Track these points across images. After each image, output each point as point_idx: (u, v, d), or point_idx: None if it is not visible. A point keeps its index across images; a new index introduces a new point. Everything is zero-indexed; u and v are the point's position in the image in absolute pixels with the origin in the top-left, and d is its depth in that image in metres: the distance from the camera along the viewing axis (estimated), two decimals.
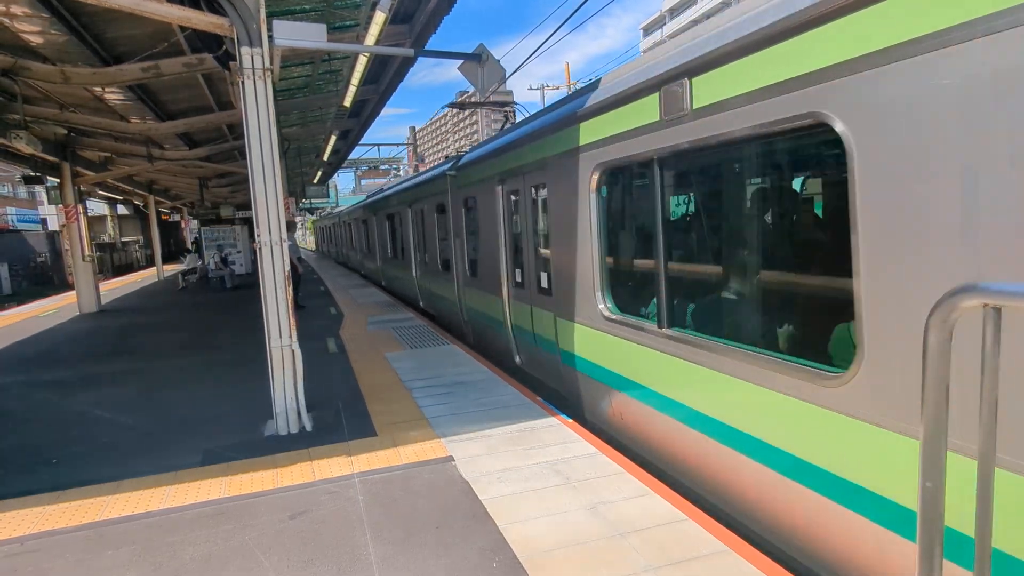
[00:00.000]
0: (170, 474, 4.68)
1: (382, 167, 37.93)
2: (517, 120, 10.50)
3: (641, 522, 3.59)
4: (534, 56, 13.11)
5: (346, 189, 54.08)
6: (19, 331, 12.65)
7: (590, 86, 5.45)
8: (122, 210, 35.75)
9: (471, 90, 10.51)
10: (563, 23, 11.54)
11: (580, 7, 10.19)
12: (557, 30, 11.99)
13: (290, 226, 9.33)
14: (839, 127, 2.78)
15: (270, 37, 5.22)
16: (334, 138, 18.54)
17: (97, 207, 34.48)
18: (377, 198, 18.97)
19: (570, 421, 5.39)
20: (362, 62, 10.33)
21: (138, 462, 4.97)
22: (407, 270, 14.08)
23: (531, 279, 6.73)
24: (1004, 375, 2.07)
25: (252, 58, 5.13)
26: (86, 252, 14.73)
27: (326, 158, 22.88)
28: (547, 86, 37.14)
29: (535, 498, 3.97)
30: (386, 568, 3.26)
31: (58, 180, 14.23)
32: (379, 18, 8.04)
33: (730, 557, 3.19)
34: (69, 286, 23.34)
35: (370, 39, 8.61)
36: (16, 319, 14.87)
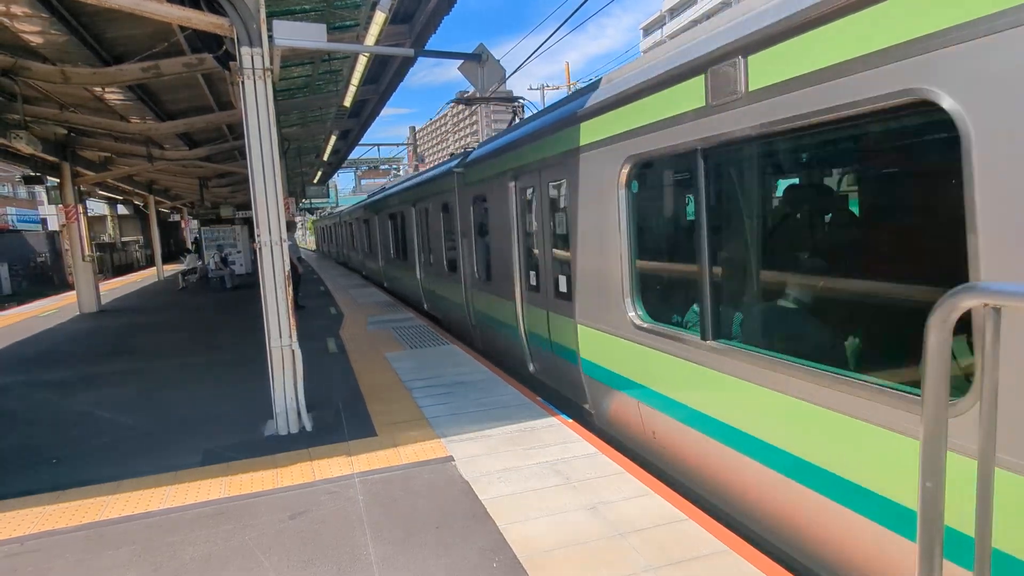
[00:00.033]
0: (170, 474, 4.68)
1: (382, 167, 37.95)
2: (525, 116, 9.95)
3: (641, 522, 3.59)
4: (534, 56, 13.12)
5: (346, 189, 54.16)
6: (19, 331, 12.65)
7: (615, 74, 4.99)
8: (122, 210, 35.76)
9: (471, 90, 10.47)
10: (563, 23, 11.55)
11: (580, 7, 10.19)
12: (557, 30, 12.00)
13: (290, 226, 9.33)
14: (950, 105, 2.35)
15: (270, 37, 5.22)
16: (334, 138, 18.54)
17: (97, 207, 34.48)
18: (380, 197, 18.54)
19: (570, 421, 5.39)
20: (362, 62, 10.33)
21: (138, 462, 4.97)
22: (411, 272, 13.61)
23: (548, 282, 6.28)
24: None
25: (252, 58, 5.13)
26: (86, 252, 14.73)
27: (326, 158, 22.89)
28: (547, 86, 37.17)
29: (535, 498, 3.97)
30: (386, 568, 3.26)
31: (58, 180, 14.23)
32: (379, 18, 8.04)
33: (730, 557, 3.19)
34: (69, 286, 23.35)
35: (370, 39, 8.62)
36: (16, 319, 14.87)
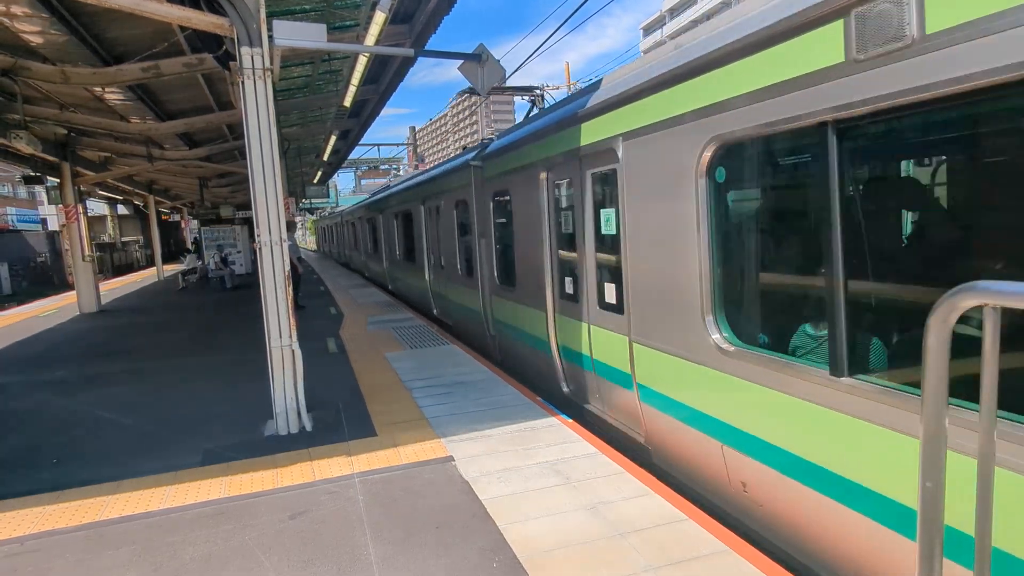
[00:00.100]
0: (170, 474, 4.68)
1: (382, 167, 37.97)
2: (545, 107, 9.04)
3: (641, 522, 3.59)
4: (534, 56, 13.12)
5: (346, 189, 54.15)
6: (19, 331, 12.65)
7: (683, 40, 4.15)
8: (122, 210, 35.77)
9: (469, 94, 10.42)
10: (563, 23, 11.54)
11: (580, 7, 10.19)
12: (557, 30, 11.99)
13: (290, 226, 9.33)
14: None
15: (270, 37, 5.22)
16: (334, 138, 18.55)
17: (97, 207, 34.50)
18: (385, 195, 17.67)
19: (570, 421, 5.39)
20: (362, 62, 10.33)
21: (138, 462, 4.97)
22: (418, 274, 12.70)
23: (589, 290, 5.47)
24: None
25: (252, 58, 5.13)
26: (86, 252, 14.73)
27: (326, 158, 22.88)
28: (547, 86, 37.13)
29: (535, 498, 3.97)
30: (386, 568, 3.26)
31: (58, 180, 14.23)
32: (379, 18, 8.05)
33: (730, 557, 3.19)
34: (69, 286, 23.35)
35: (370, 39, 8.62)
36: (16, 319, 14.87)
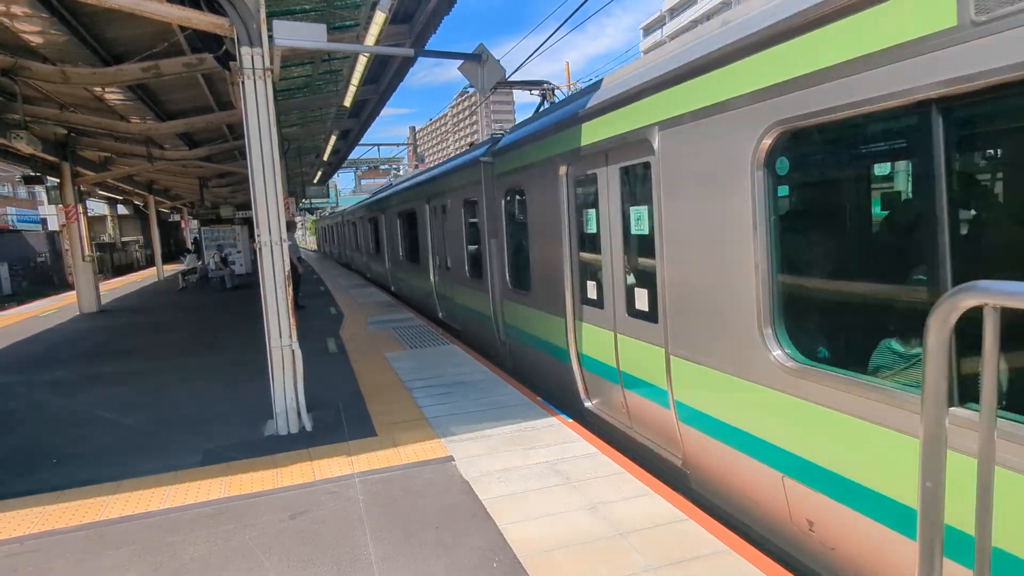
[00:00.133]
0: (170, 474, 4.68)
1: (382, 167, 38.01)
2: (557, 101, 8.63)
3: (641, 522, 3.59)
4: (534, 56, 13.12)
5: (346, 189, 54.15)
6: (19, 331, 12.65)
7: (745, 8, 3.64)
8: (122, 210, 35.77)
9: (472, 90, 10.40)
10: (563, 23, 11.54)
11: (580, 7, 10.19)
12: (557, 30, 11.98)
13: (290, 226, 9.32)
14: None
15: (270, 37, 5.22)
16: (334, 138, 18.55)
17: (97, 207, 34.49)
18: (388, 193, 17.21)
19: (570, 421, 5.39)
20: (362, 62, 10.33)
21: (138, 462, 4.97)
22: (423, 276, 12.31)
23: (617, 296, 5.05)
24: None
25: (252, 58, 5.13)
26: (86, 252, 14.73)
27: (326, 158, 22.89)
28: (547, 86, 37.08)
29: (535, 498, 3.97)
30: (386, 568, 3.26)
31: (58, 180, 14.23)
32: (379, 18, 8.05)
33: (730, 557, 3.19)
34: (69, 286, 23.35)
35: (370, 39, 8.62)
36: (16, 319, 14.87)
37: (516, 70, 12.51)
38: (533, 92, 10.35)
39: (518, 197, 7.10)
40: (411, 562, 3.30)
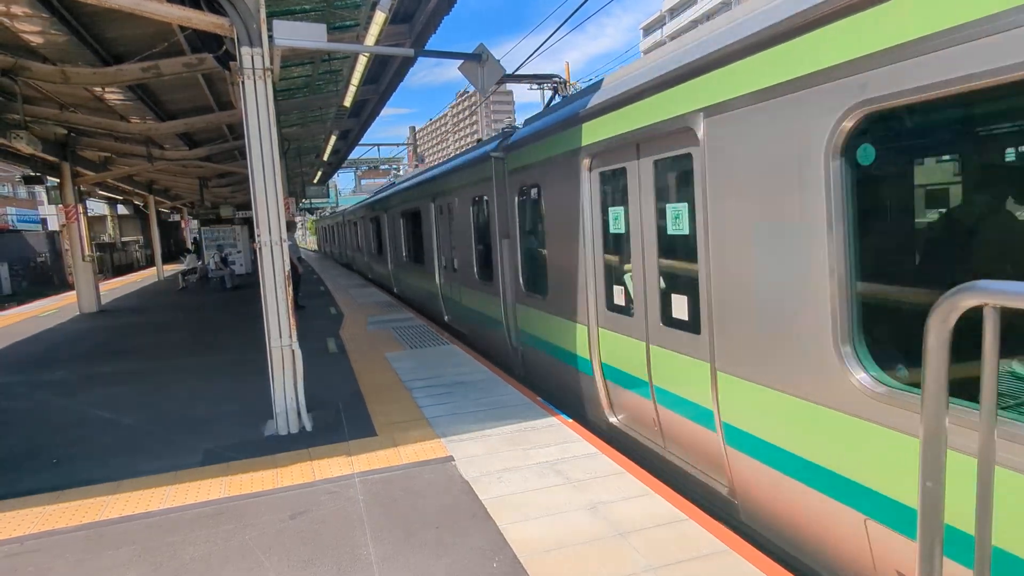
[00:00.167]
0: (170, 474, 4.68)
1: (382, 167, 38.00)
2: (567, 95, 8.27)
3: (641, 522, 3.59)
4: (534, 56, 13.12)
5: (346, 189, 54.21)
6: (19, 331, 12.65)
7: None
8: (122, 210, 35.79)
9: (472, 89, 10.41)
10: (563, 23, 11.54)
11: (580, 7, 10.19)
12: (557, 30, 11.99)
13: (290, 226, 9.32)
14: None
15: (270, 37, 5.22)
16: (334, 138, 18.56)
17: (97, 207, 34.50)
18: (390, 192, 16.68)
19: (570, 421, 5.39)
20: (362, 62, 10.34)
21: (138, 462, 4.97)
22: (428, 277, 11.86)
23: (648, 303, 4.59)
24: None
25: (252, 58, 5.14)
26: (86, 252, 14.73)
27: (326, 158, 22.90)
28: (547, 85, 37.09)
29: (535, 498, 3.97)
30: (386, 568, 3.26)
31: (58, 180, 14.24)
32: (379, 18, 8.05)
33: (730, 557, 3.19)
34: (69, 286, 23.36)
35: (370, 39, 8.62)
36: (16, 319, 14.87)
37: (516, 70, 12.50)
38: (536, 87, 10.35)
39: (533, 194, 6.66)
40: (411, 562, 3.30)
